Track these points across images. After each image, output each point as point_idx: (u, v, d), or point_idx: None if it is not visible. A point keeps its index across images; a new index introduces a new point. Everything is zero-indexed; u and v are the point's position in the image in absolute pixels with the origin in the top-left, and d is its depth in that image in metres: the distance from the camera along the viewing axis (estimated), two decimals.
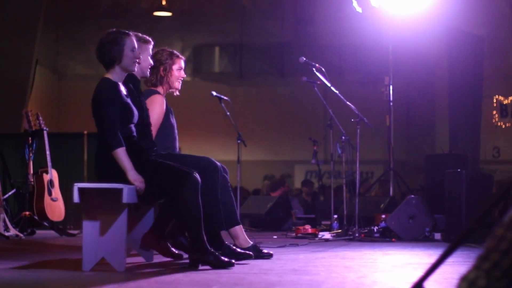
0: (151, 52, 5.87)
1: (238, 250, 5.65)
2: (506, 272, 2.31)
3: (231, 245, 5.67)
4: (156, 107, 6.02)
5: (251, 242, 6.02)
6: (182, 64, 6.43)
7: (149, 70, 5.86)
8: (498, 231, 2.36)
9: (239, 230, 5.96)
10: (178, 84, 6.39)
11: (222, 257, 5.11)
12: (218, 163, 5.74)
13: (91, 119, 5.16)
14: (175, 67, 6.32)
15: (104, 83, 5.13)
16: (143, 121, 5.48)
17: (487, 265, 2.34)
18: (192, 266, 5.13)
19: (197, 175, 5.09)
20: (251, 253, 5.68)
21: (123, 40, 5.19)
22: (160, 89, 6.28)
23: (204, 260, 5.08)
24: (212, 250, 5.11)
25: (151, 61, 5.85)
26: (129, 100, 5.18)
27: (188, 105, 18.85)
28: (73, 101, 18.57)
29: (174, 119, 6.42)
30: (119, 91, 5.12)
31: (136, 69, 5.34)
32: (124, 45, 5.18)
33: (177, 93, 6.46)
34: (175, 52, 6.36)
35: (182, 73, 6.40)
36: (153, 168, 5.13)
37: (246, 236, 6.01)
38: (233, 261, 5.18)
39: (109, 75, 5.17)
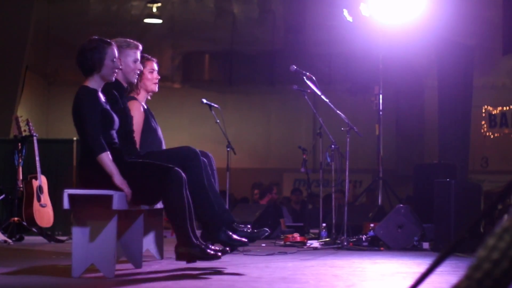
0: (137, 57, 5.81)
1: (234, 236, 5.45)
2: (498, 282, 2.32)
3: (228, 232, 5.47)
4: (135, 113, 5.99)
5: None
6: (155, 66, 6.43)
7: (135, 75, 5.81)
8: (489, 241, 2.37)
9: None
10: (154, 86, 6.38)
11: (208, 250, 5.11)
12: (198, 150, 5.64)
13: None
14: (146, 70, 6.32)
15: (82, 91, 5.10)
16: (126, 128, 5.46)
17: (478, 274, 2.34)
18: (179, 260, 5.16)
19: (178, 169, 5.08)
20: (245, 240, 5.49)
21: (104, 49, 5.15)
22: (136, 94, 6.28)
23: (190, 253, 5.11)
24: (197, 243, 5.12)
25: (138, 66, 5.81)
26: (108, 107, 5.17)
27: (178, 112, 18.88)
28: (62, 107, 18.44)
29: (155, 123, 6.41)
30: (98, 98, 5.10)
31: (113, 79, 5.28)
32: (105, 54, 5.14)
33: (149, 97, 6.45)
34: (144, 55, 6.30)
35: (155, 75, 6.40)
36: (134, 169, 5.11)
37: None
38: (219, 254, 5.17)
39: (87, 83, 5.15)
